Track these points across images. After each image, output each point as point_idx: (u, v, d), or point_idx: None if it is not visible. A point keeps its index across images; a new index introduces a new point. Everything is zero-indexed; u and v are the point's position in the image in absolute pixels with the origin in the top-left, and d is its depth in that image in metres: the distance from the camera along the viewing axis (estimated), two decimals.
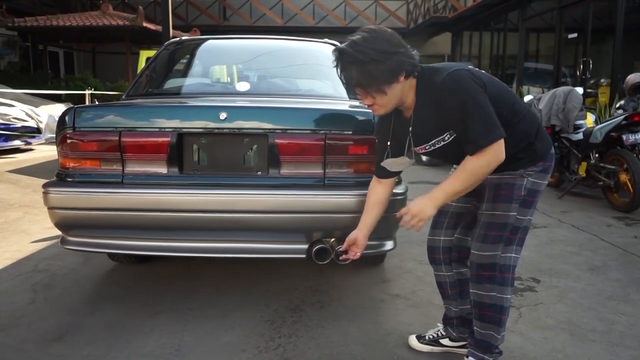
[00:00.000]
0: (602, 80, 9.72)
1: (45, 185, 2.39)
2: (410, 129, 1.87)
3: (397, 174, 2.06)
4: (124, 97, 3.08)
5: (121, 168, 2.39)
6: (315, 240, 2.40)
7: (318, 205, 2.36)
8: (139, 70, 8.47)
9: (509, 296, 1.91)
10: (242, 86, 2.98)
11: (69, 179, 2.42)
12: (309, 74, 3.37)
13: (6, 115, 8.06)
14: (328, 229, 2.40)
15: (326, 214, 2.36)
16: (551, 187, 6.04)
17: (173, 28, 14.67)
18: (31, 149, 9.19)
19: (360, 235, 2.06)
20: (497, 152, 1.67)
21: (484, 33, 14.58)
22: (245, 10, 19.43)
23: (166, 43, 3.49)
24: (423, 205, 1.76)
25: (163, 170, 2.39)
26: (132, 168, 2.40)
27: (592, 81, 9.99)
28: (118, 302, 2.68)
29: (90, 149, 2.38)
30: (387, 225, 2.38)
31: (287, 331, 2.38)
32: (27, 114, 8.53)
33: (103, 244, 2.43)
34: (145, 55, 8.53)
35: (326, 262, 2.38)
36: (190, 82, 3.25)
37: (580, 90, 5.78)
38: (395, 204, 2.30)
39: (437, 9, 17.02)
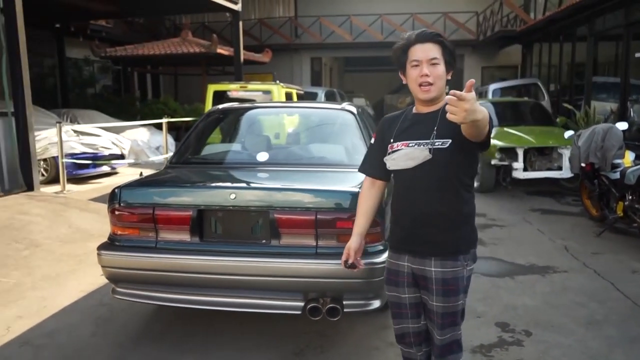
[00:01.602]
0: None
1: (99, 248, 3.03)
2: (437, 124, 1.96)
3: (387, 176, 2.17)
4: (167, 164, 3.69)
5: (155, 236, 2.97)
6: (310, 298, 2.85)
7: (311, 271, 2.80)
8: (207, 100, 9.32)
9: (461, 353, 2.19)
10: (262, 156, 3.50)
11: (117, 243, 3.04)
12: (323, 139, 3.82)
13: (94, 145, 9.16)
14: (321, 290, 2.84)
15: (318, 278, 2.81)
16: (594, 221, 6.03)
17: (247, 48, 15.68)
18: (116, 173, 10.31)
19: (356, 241, 2.21)
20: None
21: (554, 45, 14.22)
22: (315, 29, 20.12)
23: (206, 112, 4.08)
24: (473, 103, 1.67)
25: (187, 238, 2.94)
26: (164, 236, 2.97)
27: None
28: (158, 338, 3.28)
29: (131, 220, 2.99)
30: (373, 285, 2.78)
31: None
32: (112, 142, 9.62)
33: (143, 295, 3.03)
34: (212, 89, 9.32)
35: (318, 318, 2.83)
36: (221, 149, 3.83)
37: (623, 126, 5.75)
38: (375, 272, 2.69)
39: (507, 21, 16.74)
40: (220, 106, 4.12)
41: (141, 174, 3.40)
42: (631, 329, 3.36)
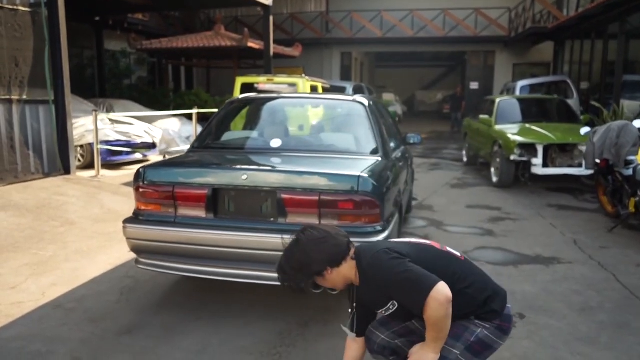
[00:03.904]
0: None
1: (124, 221, 3.35)
2: (354, 303, 2.21)
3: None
4: (189, 148, 3.99)
5: (174, 211, 3.27)
6: None
7: None
8: (235, 92, 9.65)
9: None
10: (275, 143, 3.77)
11: (140, 217, 3.35)
12: (333, 129, 4.06)
13: (128, 133, 9.62)
14: None
15: None
16: (609, 218, 6.09)
17: (278, 42, 15.99)
18: (147, 160, 10.77)
19: None
20: (438, 296, 1.83)
21: (585, 42, 14.03)
22: (346, 24, 20.29)
23: (227, 102, 4.37)
24: (422, 354, 1.96)
25: (203, 214, 3.23)
26: (182, 212, 3.27)
27: None
28: (176, 307, 3.59)
29: (153, 197, 3.29)
30: None
31: (288, 342, 3.10)
32: (144, 131, 10.06)
33: (162, 265, 3.33)
34: (240, 81, 9.65)
35: (319, 291, 3.07)
36: (238, 136, 4.11)
37: (638, 124, 5.78)
38: None
39: (540, 17, 16.56)
40: (240, 96, 4.40)
41: (164, 156, 3.71)
42: (622, 316, 3.49)
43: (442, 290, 1.85)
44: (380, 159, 3.59)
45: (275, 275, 3.21)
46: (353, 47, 21.45)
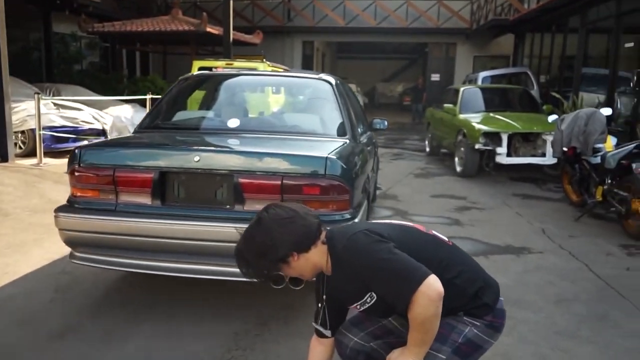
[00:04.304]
0: None
1: (56, 210, 2.93)
2: (324, 296, 1.88)
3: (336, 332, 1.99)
4: (136, 128, 3.58)
5: (115, 198, 2.87)
6: None
7: None
8: None
9: None
10: (233, 123, 3.39)
11: (76, 205, 2.93)
12: (298, 109, 3.72)
13: (75, 119, 8.99)
14: None
15: None
16: (574, 207, 6.01)
17: (238, 30, 15.44)
18: None
19: None
20: (428, 292, 1.55)
21: (546, 35, 14.16)
22: (308, 12, 19.88)
23: (180, 78, 3.96)
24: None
25: (148, 201, 2.85)
26: (124, 199, 2.87)
27: None
28: (118, 307, 3.19)
29: (91, 181, 2.88)
30: None
31: (245, 344, 2.77)
32: (93, 117, 9.44)
33: (101, 260, 2.93)
34: (197, 65, 9.18)
35: (281, 286, 2.75)
36: (192, 116, 3.72)
37: (606, 111, 5.70)
38: None
39: (502, 9, 16.63)
40: (195, 73, 4.01)
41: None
42: (600, 307, 3.33)
43: (433, 284, 1.57)
44: (348, 141, 3.29)
45: (231, 269, 2.88)
46: (315, 36, 21.09)
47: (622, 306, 3.36)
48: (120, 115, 11.02)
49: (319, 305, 1.96)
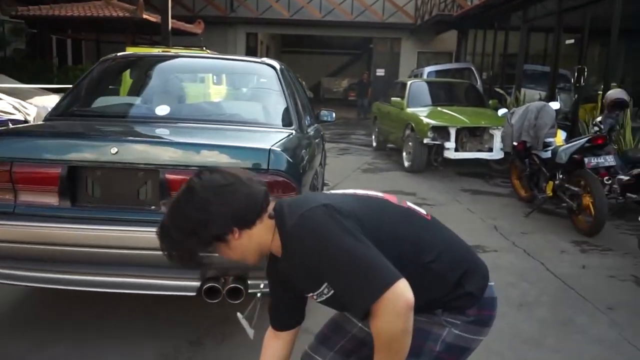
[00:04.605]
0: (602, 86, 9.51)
1: None
2: (277, 282, 1.52)
3: (297, 323, 1.62)
4: (46, 116, 3.06)
5: (13, 198, 2.38)
6: (208, 277, 2.38)
7: None
8: None
9: None
10: (162, 110, 2.94)
11: None
12: (238, 96, 3.32)
13: None
14: (221, 267, 2.36)
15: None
16: (523, 202, 5.93)
17: (178, 19, 14.69)
18: None
19: None
20: (395, 302, 1.19)
21: (489, 31, 14.33)
22: (252, 2, 19.30)
23: (101, 59, 3.45)
24: None
25: (55, 202, 2.37)
26: (24, 199, 2.38)
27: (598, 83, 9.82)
28: (18, 330, 2.68)
29: None
30: None
31: None
32: (14, 107, 8.58)
33: None
34: (130, 51, 8.50)
35: (216, 300, 2.37)
36: (115, 102, 3.23)
37: (555, 105, 5.63)
38: None
39: (445, 5, 16.73)
40: (120, 53, 3.52)
41: None
42: (562, 311, 3.14)
43: (402, 292, 1.19)
44: (294, 132, 2.92)
45: (159, 282, 2.47)
46: (259, 28, 20.53)
47: (584, 309, 3.19)
48: (47, 106, 10.04)
49: (272, 292, 1.59)
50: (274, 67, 3.39)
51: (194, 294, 2.36)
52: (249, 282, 2.40)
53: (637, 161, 4.97)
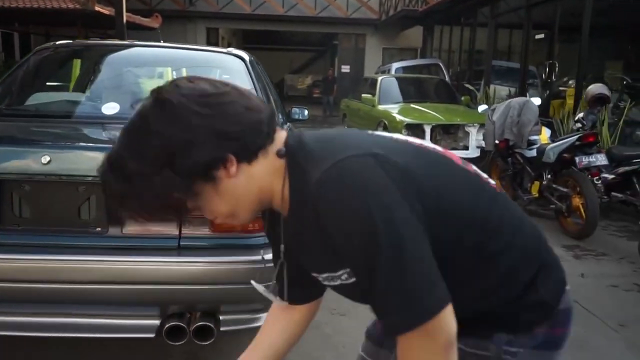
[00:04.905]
0: (570, 82, 9.45)
1: None
2: (282, 247, 1.05)
3: (313, 297, 1.19)
4: None
5: None
6: (170, 314, 1.93)
7: (171, 274, 1.88)
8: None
9: None
10: (110, 108, 2.45)
11: None
12: None
13: None
14: (186, 302, 1.93)
15: (181, 285, 1.88)
16: None
17: (134, 12, 13.93)
18: None
19: None
20: (433, 337, 0.86)
21: (455, 28, 14.19)
22: None
23: (37, 48, 2.93)
24: None
25: None
26: None
27: (565, 79, 9.76)
28: None
29: None
30: None
31: None
32: None
33: None
34: None
35: (181, 342, 1.92)
36: (53, 99, 2.71)
37: (537, 101, 5.39)
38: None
39: (410, 1, 16.53)
40: (59, 42, 3.00)
41: None
42: (575, 330, 2.80)
43: (445, 322, 0.85)
44: None
45: (105, 321, 2.00)
46: (219, 23, 19.88)
47: (596, 327, 2.89)
48: None
49: (277, 261, 1.10)
50: (242, 59, 2.95)
51: (152, 335, 1.91)
52: (220, 317, 1.96)
53: (622, 159, 4.76)
